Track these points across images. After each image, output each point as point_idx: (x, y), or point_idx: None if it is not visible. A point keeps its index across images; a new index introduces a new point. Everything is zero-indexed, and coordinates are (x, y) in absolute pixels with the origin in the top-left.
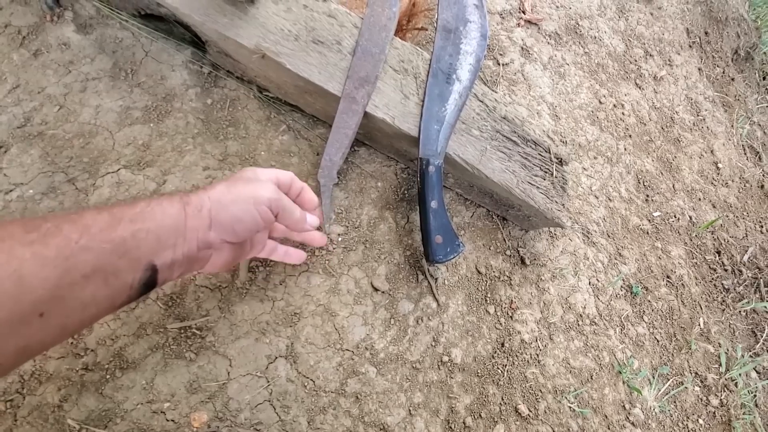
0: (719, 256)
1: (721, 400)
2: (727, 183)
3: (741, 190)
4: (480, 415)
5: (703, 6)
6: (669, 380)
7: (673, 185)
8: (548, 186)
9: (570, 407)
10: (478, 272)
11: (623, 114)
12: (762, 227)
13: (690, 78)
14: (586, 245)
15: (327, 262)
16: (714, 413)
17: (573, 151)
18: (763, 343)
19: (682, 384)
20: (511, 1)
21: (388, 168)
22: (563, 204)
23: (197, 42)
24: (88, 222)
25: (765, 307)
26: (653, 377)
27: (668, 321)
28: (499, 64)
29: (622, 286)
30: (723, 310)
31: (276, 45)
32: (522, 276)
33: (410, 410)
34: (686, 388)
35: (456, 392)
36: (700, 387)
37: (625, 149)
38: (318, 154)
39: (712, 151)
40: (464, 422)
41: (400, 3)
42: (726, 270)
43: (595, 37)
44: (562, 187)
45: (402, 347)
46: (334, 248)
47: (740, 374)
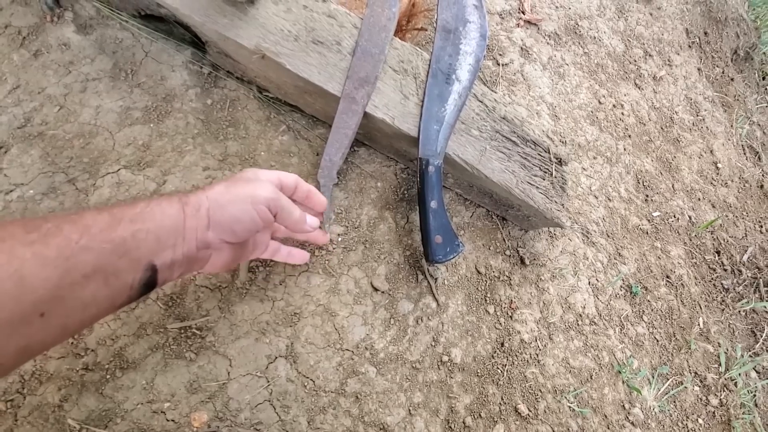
0: (719, 256)
1: (721, 400)
2: (727, 183)
3: (740, 190)
4: (480, 415)
5: (703, 6)
6: (668, 380)
7: (673, 185)
8: (548, 186)
9: (570, 407)
10: (478, 272)
11: (623, 114)
12: (761, 227)
13: (689, 78)
14: (586, 245)
15: (327, 262)
16: (713, 413)
17: (572, 151)
18: (763, 343)
19: (682, 384)
20: (511, 2)
21: (388, 168)
22: (563, 204)
23: (197, 42)
24: (89, 222)
25: (764, 307)
26: (653, 377)
27: (668, 321)
28: (499, 65)
29: (622, 286)
30: (722, 310)
31: (276, 45)
32: (521, 276)
33: (410, 410)
34: (686, 388)
35: (456, 392)
36: (700, 387)
37: (625, 149)
38: (318, 155)
39: (712, 151)
40: (464, 422)
41: (400, 3)
42: (725, 270)
43: (595, 38)
44: (562, 187)
45: (402, 347)
46: (334, 248)
47: (740, 374)
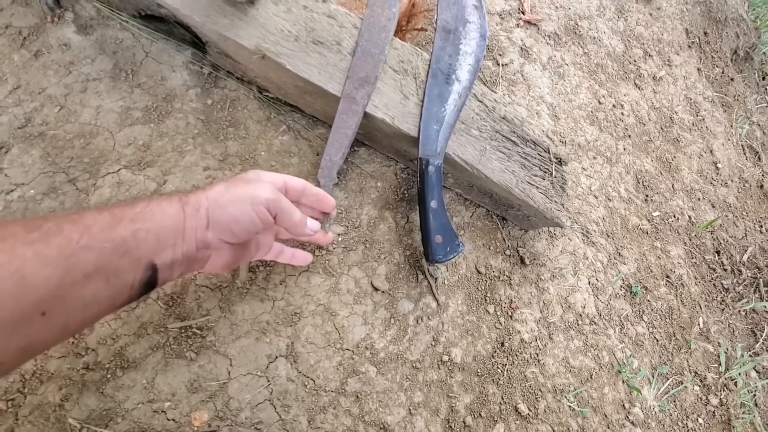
0: (719, 256)
1: (721, 400)
2: (727, 183)
3: (740, 190)
4: (480, 415)
5: (702, 6)
6: (668, 379)
7: (673, 185)
8: (547, 186)
9: (570, 406)
10: (478, 272)
11: (622, 114)
12: (761, 227)
13: (689, 78)
14: (586, 245)
15: (327, 262)
16: (713, 412)
17: (572, 151)
18: (763, 343)
19: (682, 383)
20: (511, 2)
21: (388, 168)
22: (562, 204)
23: (197, 43)
24: (89, 222)
25: (764, 307)
26: (653, 376)
27: (668, 320)
28: (499, 65)
29: (622, 286)
30: (722, 310)
31: (276, 46)
32: (521, 276)
33: (410, 409)
34: (686, 388)
35: (456, 391)
36: (700, 386)
37: (625, 149)
38: (318, 154)
39: (712, 151)
40: (464, 421)
41: (400, 4)
42: (725, 270)
43: (595, 38)
44: (562, 187)
45: (402, 347)
46: (334, 248)
47: (740, 374)
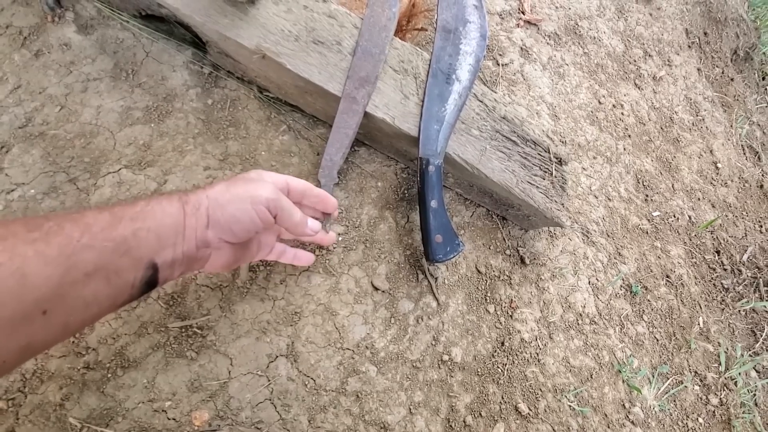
0: (719, 256)
1: (721, 399)
2: (727, 183)
3: (740, 190)
4: (480, 414)
5: (702, 6)
6: (669, 379)
7: (673, 185)
8: (548, 186)
9: (570, 406)
10: (478, 271)
11: (622, 114)
12: (761, 227)
13: (689, 78)
14: (586, 245)
15: (327, 262)
16: (714, 412)
17: (572, 151)
18: (763, 343)
19: (682, 383)
20: (511, 2)
21: (388, 168)
22: (563, 203)
23: (198, 43)
24: (90, 221)
25: (764, 307)
26: (653, 376)
27: (668, 320)
28: (499, 65)
29: (622, 286)
30: (722, 310)
31: (276, 45)
32: (522, 275)
33: (410, 409)
34: (686, 387)
35: (456, 391)
36: (700, 386)
37: (625, 149)
38: (318, 154)
39: (712, 151)
40: (464, 421)
41: (400, 3)
42: (725, 269)
43: (595, 38)
44: (562, 187)
45: (402, 346)
46: (335, 248)
47: (740, 373)
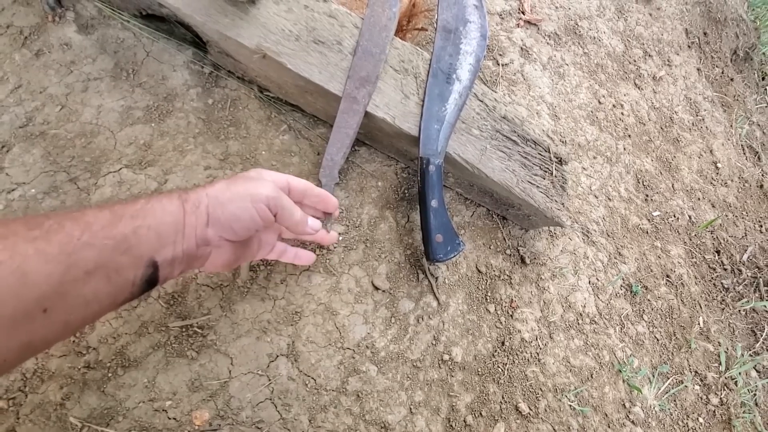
0: (719, 256)
1: (721, 399)
2: (727, 183)
3: (740, 190)
4: (480, 414)
5: (702, 6)
6: (669, 379)
7: (673, 185)
8: (548, 185)
9: (570, 405)
10: (479, 271)
11: (622, 114)
12: (761, 227)
13: (689, 78)
14: (586, 244)
15: (328, 261)
16: (714, 412)
17: (572, 151)
18: (763, 342)
19: (682, 383)
20: (511, 2)
21: (389, 167)
22: (563, 203)
23: (198, 42)
24: (90, 219)
25: (764, 306)
26: (653, 376)
27: (668, 320)
28: (499, 65)
29: (622, 285)
30: (723, 309)
31: (277, 45)
32: (522, 275)
33: (411, 408)
34: (686, 387)
35: (456, 391)
36: (700, 386)
37: (625, 149)
38: (319, 154)
39: (712, 151)
40: (465, 420)
41: (400, 3)
42: (725, 269)
43: (595, 38)
44: (562, 187)
45: (403, 346)
46: (335, 247)
47: (740, 373)
